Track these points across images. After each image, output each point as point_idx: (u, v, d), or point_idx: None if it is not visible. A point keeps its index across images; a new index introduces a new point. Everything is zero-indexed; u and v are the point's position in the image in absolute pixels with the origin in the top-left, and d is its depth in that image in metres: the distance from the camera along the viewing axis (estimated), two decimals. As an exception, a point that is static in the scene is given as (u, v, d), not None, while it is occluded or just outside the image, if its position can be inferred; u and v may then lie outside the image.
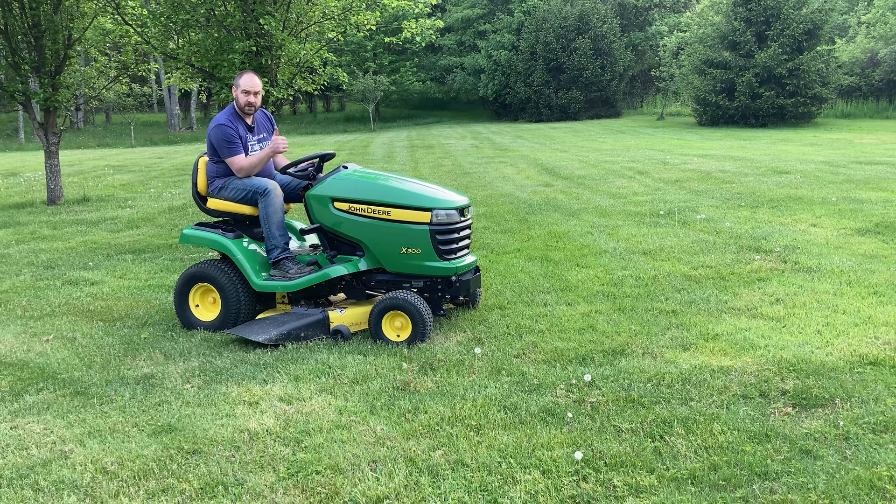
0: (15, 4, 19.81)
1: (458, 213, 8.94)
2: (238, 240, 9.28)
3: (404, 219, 8.75)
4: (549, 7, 65.28)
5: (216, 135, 9.31)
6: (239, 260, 9.12)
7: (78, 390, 7.48)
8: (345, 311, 8.95)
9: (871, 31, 57.30)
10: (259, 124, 9.79)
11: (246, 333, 8.65)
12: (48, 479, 5.70)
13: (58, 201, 21.44)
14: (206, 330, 9.22)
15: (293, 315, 8.98)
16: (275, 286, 9.01)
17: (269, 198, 9.07)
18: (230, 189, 9.34)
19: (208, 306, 9.52)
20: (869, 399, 6.53)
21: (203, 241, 9.49)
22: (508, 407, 6.67)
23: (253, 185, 9.22)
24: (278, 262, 9.07)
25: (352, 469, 5.65)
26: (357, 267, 9.02)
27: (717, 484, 5.26)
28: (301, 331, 8.69)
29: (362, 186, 9.02)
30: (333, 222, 9.01)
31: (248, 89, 9.36)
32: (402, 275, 9.07)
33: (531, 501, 5.15)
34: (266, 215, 9.07)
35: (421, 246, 8.76)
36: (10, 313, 10.40)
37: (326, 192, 9.00)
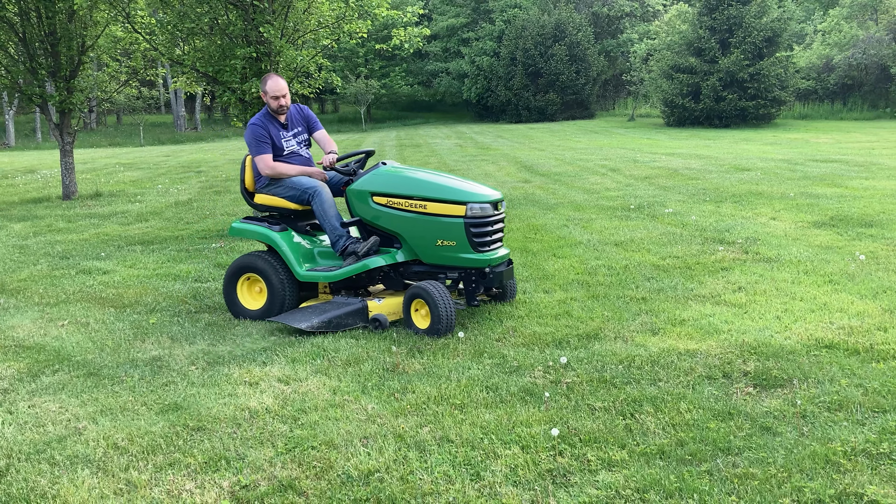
0: (32, 14, 19.76)
1: (491, 207, 8.62)
2: (284, 232, 9.15)
3: (440, 212, 8.50)
4: (527, 16, 65.29)
5: (247, 134, 9.30)
6: (284, 251, 9.00)
7: (91, 371, 7.47)
8: (383, 300, 8.76)
9: (826, 39, 57.53)
10: (293, 120, 9.58)
11: (289, 321, 8.52)
12: (63, 453, 5.69)
13: (72, 196, 21.41)
14: (252, 319, 9.11)
15: (334, 304, 8.83)
16: (317, 276, 8.88)
17: (320, 196, 8.97)
18: (281, 187, 9.22)
19: (255, 296, 9.36)
20: (824, 380, 6.54)
21: (251, 233, 9.37)
22: (490, 387, 6.67)
23: (303, 185, 9.09)
24: (345, 249, 8.85)
25: (345, 444, 5.65)
26: (395, 258, 8.81)
27: (683, 458, 5.26)
28: (341, 319, 8.52)
29: (400, 181, 8.79)
30: (372, 216, 8.82)
31: (276, 94, 9.24)
32: (438, 266, 8.81)
33: (511, 475, 5.15)
34: (322, 212, 8.95)
35: (456, 238, 8.48)
36: (28, 300, 10.38)
37: (366, 186, 8.82)
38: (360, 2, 14.62)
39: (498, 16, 70.06)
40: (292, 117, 9.59)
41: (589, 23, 67.26)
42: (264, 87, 9.34)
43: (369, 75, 68.91)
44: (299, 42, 14.95)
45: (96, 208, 19.38)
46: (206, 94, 64.91)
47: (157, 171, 29.24)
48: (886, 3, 56.23)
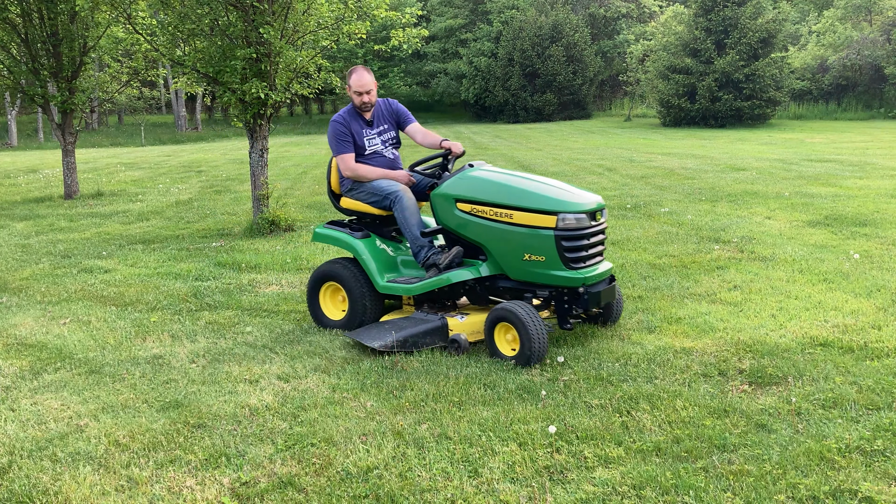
0: (35, 15, 19.76)
1: (587, 217, 7.49)
2: (366, 240, 8.51)
3: (527, 222, 7.46)
4: (525, 17, 65.20)
5: (329, 131, 8.74)
6: (364, 260, 8.37)
7: (92, 369, 7.47)
8: (465, 318, 7.94)
9: (821, 40, 57.52)
10: (379, 117, 8.94)
11: (363, 338, 7.75)
12: (65, 450, 5.69)
13: (74, 196, 21.41)
14: (334, 329, 8.50)
15: (412, 320, 8.01)
16: (396, 289, 8.17)
17: (401, 202, 8.23)
18: (363, 191, 8.60)
19: (338, 304, 8.79)
20: (819, 377, 6.55)
21: (332, 240, 8.77)
22: (488, 384, 6.68)
23: (384, 190, 8.40)
24: (427, 260, 8.09)
25: (344, 441, 5.65)
26: (479, 272, 7.84)
27: (679, 455, 5.27)
28: (418, 338, 7.69)
29: (485, 186, 7.77)
30: (457, 224, 7.93)
31: (358, 90, 8.59)
32: (526, 283, 7.78)
33: (509, 471, 5.15)
34: (404, 219, 8.20)
35: (545, 253, 7.42)
36: (31, 298, 10.38)
37: (450, 191, 7.93)
38: (359, 3, 14.62)
39: (495, 17, 69.99)
40: (379, 113, 8.96)
41: (586, 24, 67.23)
42: (348, 81, 8.70)
43: (368, 76, 68.82)
44: (299, 43, 14.93)
45: (98, 207, 19.39)
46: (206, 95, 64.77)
47: (158, 170, 29.23)
48: (880, 5, 56.28)
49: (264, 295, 10.14)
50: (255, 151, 14.85)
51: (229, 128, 63.41)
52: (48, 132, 59.85)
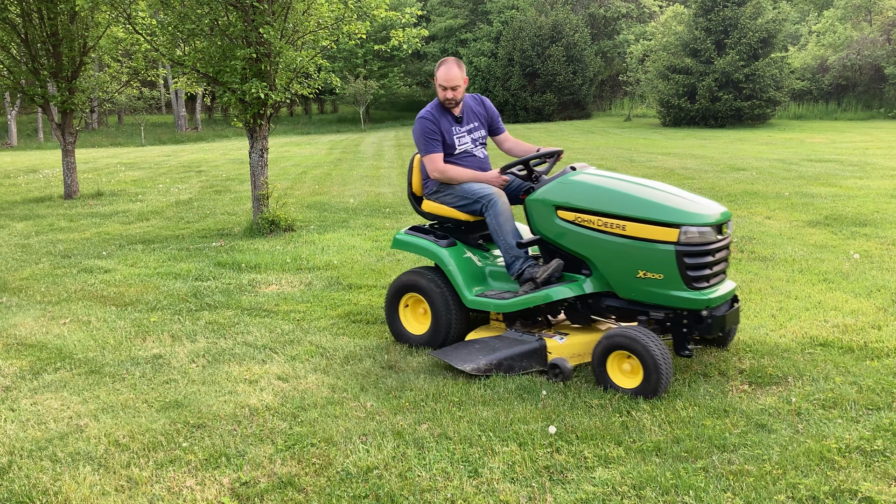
0: (35, 15, 19.76)
1: (713, 231, 6.64)
2: (452, 248, 7.80)
3: (643, 235, 6.60)
4: (525, 17, 65.20)
5: (415, 129, 7.98)
6: (451, 272, 7.64)
7: (92, 369, 7.47)
8: (565, 339, 7.16)
9: (821, 40, 57.53)
10: (469, 113, 8.19)
11: (452, 359, 7.04)
12: (65, 450, 5.70)
13: (74, 196, 21.41)
14: (416, 345, 7.87)
15: (505, 341, 7.27)
16: (487, 304, 7.39)
17: (495, 208, 7.50)
18: (449, 195, 7.88)
19: (419, 318, 8.09)
20: (819, 377, 6.56)
21: (414, 248, 8.05)
22: (487, 384, 6.68)
23: (475, 193, 7.67)
24: (522, 273, 7.36)
25: (344, 441, 5.65)
26: (582, 289, 7.06)
27: (679, 455, 5.27)
28: (513, 361, 6.98)
29: (593, 193, 6.93)
30: (556, 233, 7.11)
31: (444, 84, 7.83)
32: (638, 303, 6.94)
33: (509, 471, 5.16)
34: (497, 226, 7.47)
35: (663, 270, 6.56)
36: (31, 298, 10.38)
37: (550, 197, 7.10)
38: (358, 3, 14.62)
39: (495, 17, 70.01)
40: (468, 110, 8.21)
41: (586, 24, 67.23)
42: (436, 73, 7.94)
43: (368, 76, 68.89)
44: (299, 43, 14.93)
45: (98, 207, 19.38)
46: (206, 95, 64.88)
47: (157, 170, 29.22)
48: (880, 5, 56.28)
49: (264, 295, 10.14)
50: (255, 151, 14.85)
51: (229, 128, 63.48)
52: (48, 132, 59.88)
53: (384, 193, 19.98)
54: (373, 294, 9.98)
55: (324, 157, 32.67)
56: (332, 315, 9.11)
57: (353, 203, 18.26)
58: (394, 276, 10.75)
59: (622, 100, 71.68)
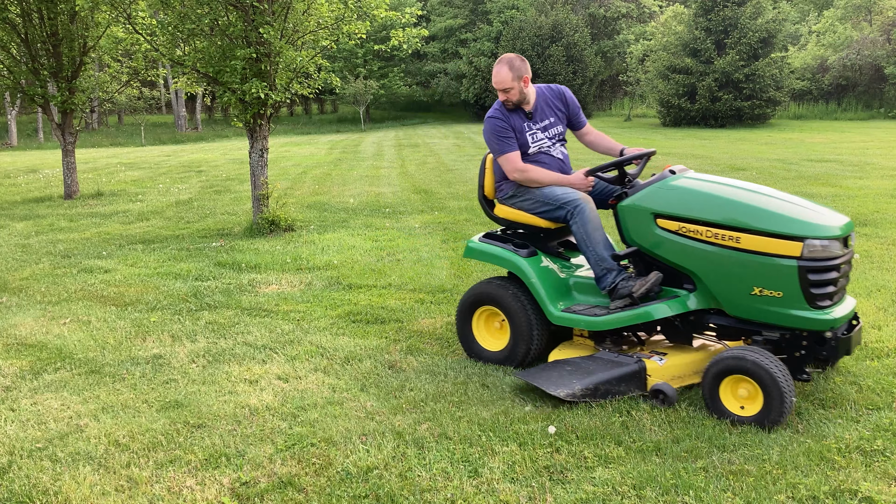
0: (35, 15, 19.77)
1: (839, 244, 6.04)
2: (533, 258, 7.16)
3: (760, 249, 6.00)
4: (525, 18, 65.28)
5: (485, 130, 7.35)
6: (533, 284, 7.00)
7: (92, 369, 7.47)
8: (665, 359, 6.53)
9: (821, 40, 57.60)
10: (542, 108, 7.45)
11: (543, 383, 6.38)
12: (65, 450, 5.70)
13: (74, 196, 21.41)
14: (491, 363, 7.26)
15: (599, 362, 6.62)
16: (576, 321, 6.79)
17: (583, 215, 6.86)
18: (528, 199, 7.23)
19: (494, 333, 7.47)
20: (819, 377, 6.55)
21: (490, 257, 7.41)
22: (487, 385, 6.68)
23: (559, 199, 7.00)
24: (615, 287, 6.73)
25: (344, 441, 5.66)
26: (685, 306, 6.48)
27: (679, 455, 5.27)
28: (610, 385, 6.33)
29: (700, 200, 6.35)
30: (654, 243, 6.55)
31: (497, 87, 7.18)
32: (748, 321, 6.34)
33: (509, 471, 5.16)
34: (585, 235, 6.84)
35: (783, 287, 5.95)
36: (31, 298, 10.38)
37: (648, 204, 6.55)
38: (358, 3, 14.62)
39: (495, 17, 70.03)
40: (541, 104, 7.48)
41: (586, 24, 67.28)
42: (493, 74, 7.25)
43: (368, 76, 68.88)
44: (299, 43, 14.94)
45: (98, 207, 19.38)
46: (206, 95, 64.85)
47: (158, 170, 29.22)
48: (880, 5, 56.32)
49: (264, 295, 10.14)
50: (255, 151, 14.85)
51: (229, 128, 63.46)
52: (48, 132, 59.84)
53: (384, 193, 19.97)
54: (373, 294, 9.98)
55: (324, 157, 32.67)
56: (332, 315, 9.11)
57: (353, 203, 18.26)
58: (394, 276, 10.75)
59: (622, 100, 71.79)
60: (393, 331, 8.36)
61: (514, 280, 7.30)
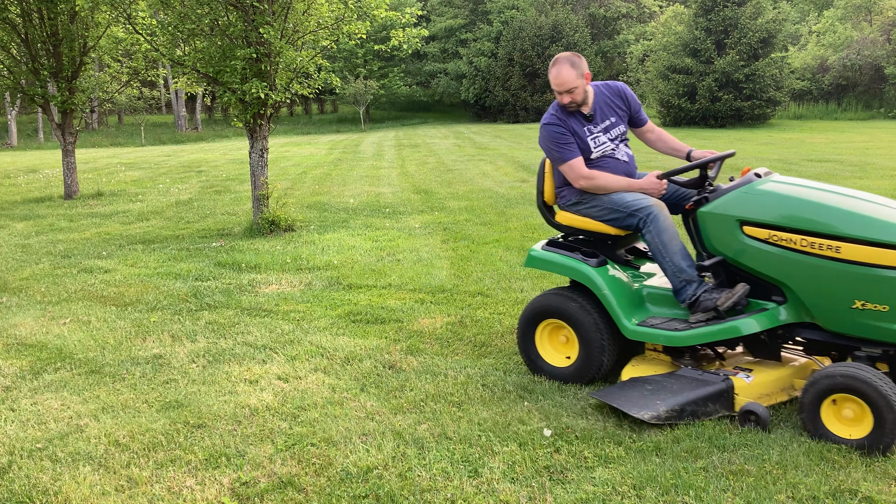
0: (35, 15, 19.78)
1: None
2: (603, 268, 6.63)
3: (865, 259, 5.54)
4: (525, 18, 65.32)
5: (542, 137, 6.86)
6: (606, 296, 6.49)
7: (92, 369, 7.47)
8: (753, 377, 6.04)
9: (821, 40, 57.61)
10: (602, 108, 6.90)
11: (623, 404, 5.91)
12: (65, 450, 5.70)
13: (74, 196, 21.41)
14: (557, 380, 6.78)
15: (682, 381, 6.14)
16: (654, 336, 6.30)
17: (657, 223, 6.36)
18: (595, 206, 6.75)
19: (559, 347, 6.95)
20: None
21: (556, 267, 6.90)
22: (487, 385, 6.68)
23: (629, 205, 6.50)
24: (696, 300, 6.24)
25: (344, 441, 5.65)
26: (775, 320, 5.99)
27: (679, 455, 5.27)
28: (697, 406, 5.86)
29: (794, 206, 5.86)
30: (738, 252, 6.07)
31: (557, 89, 6.69)
32: (847, 337, 5.85)
33: (509, 471, 5.16)
34: (661, 244, 6.34)
35: (890, 301, 5.50)
36: (31, 298, 10.38)
37: (733, 210, 6.06)
38: (358, 3, 14.63)
39: (495, 17, 70.07)
40: (601, 104, 6.93)
41: (586, 24, 67.31)
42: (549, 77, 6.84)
43: (368, 76, 68.92)
44: (299, 43, 14.94)
45: (98, 207, 19.39)
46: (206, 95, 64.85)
47: (158, 170, 29.23)
48: (880, 5, 56.37)
49: (264, 295, 10.14)
50: (255, 151, 14.85)
51: (229, 128, 63.51)
52: (48, 132, 59.88)
53: (384, 193, 19.98)
54: (373, 294, 9.98)
55: (324, 157, 32.68)
56: (332, 315, 9.11)
57: (353, 203, 18.26)
58: (394, 276, 10.75)
59: (622, 100, 71.71)
60: (393, 331, 8.36)
61: (581, 291, 6.77)
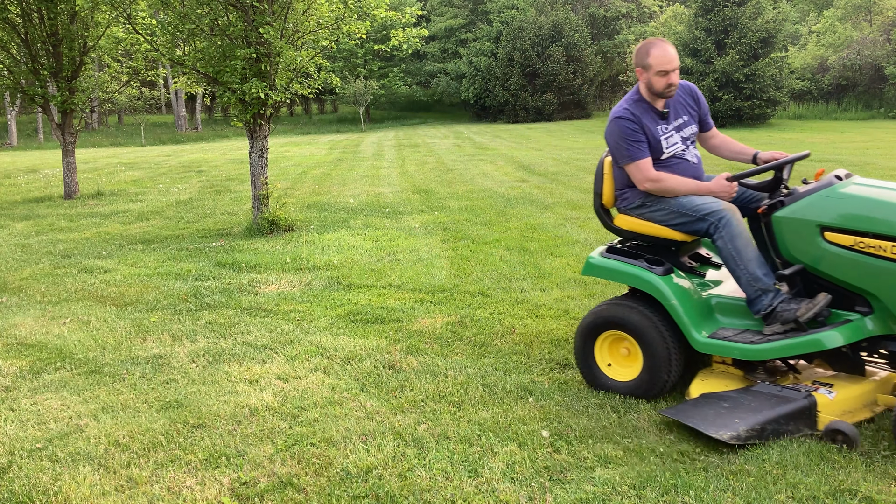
0: (35, 15, 19.78)
1: None
2: (669, 276, 6.19)
3: None
4: (524, 18, 65.31)
5: (611, 132, 6.43)
6: (674, 307, 6.06)
7: (92, 369, 7.47)
8: (835, 392, 5.61)
9: (821, 40, 57.61)
10: (676, 106, 6.59)
11: (699, 423, 5.49)
12: (65, 450, 5.70)
13: (74, 196, 21.41)
14: (620, 394, 6.38)
15: (760, 398, 5.70)
16: (728, 349, 5.86)
17: (730, 229, 5.96)
18: (661, 210, 6.35)
19: (620, 360, 6.51)
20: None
21: (619, 275, 6.44)
22: (487, 385, 6.68)
23: (699, 209, 6.10)
24: (772, 311, 5.83)
25: (344, 441, 5.66)
26: (861, 332, 5.56)
27: (679, 455, 5.27)
28: (778, 424, 5.43)
29: (882, 211, 5.45)
30: (818, 259, 5.69)
31: (665, 68, 6.21)
32: None
33: (509, 471, 5.16)
34: (734, 251, 5.92)
35: None
36: (31, 298, 10.38)
37: (814, 215, 5.67)
38: (358, 3, 14.62)
39: (495, 17, 70.05)
40: (675, 102, 6.61)
41: (586, 24, 67.30)
42: (644, 59, 6.35)
43: (368, 76, 68.95)
44: (299, 43, 14.94)
45: (98, 207, 19.39)
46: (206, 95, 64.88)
47: (157, 170, 29.23)
48: (880, 5, 56.37)
49: (264, 295, 10.14)
50: (255, 151, 14.85)
51: (229, 128, 63.53)
52: (48, 132, 59.90)
53: (384, 193, 19.98)
54: (373, 294, 9.98)
55: (324, 157, 32.68)
56: (332, 315, 9.11)
57: (353, 203, 18.26)
58: (394, 276, 10.75)
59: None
60: (393, 331, 8.35)
61: (645, 300, 6.35)
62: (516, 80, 63.49)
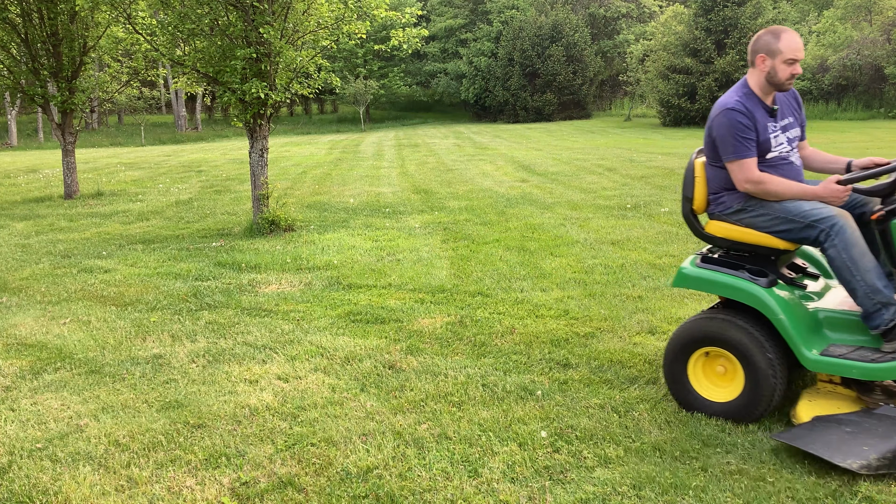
0: (35, 15, 19.78)
1: None
2: (772, 288, 5.62)
3: None
4: (525, 17, 65.38)
5: (721, 124, 5.86)
6: (781, 322, 5.50)
7: (92, 369, 7.47)
8: None
9: (821, 40, 57.53)
10: (784, 106, 6.08)
11: (821, 450, 4.98)
12: (65, 450, 5.70)
13: (74, 196, 21.41)
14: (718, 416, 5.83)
15: (887, 422, 5.14)
16: (847, 368, 5.30)
17: (843, 236, 5.42)
18: (763, 215, 5.81)
19: (715, 379, 5.95)
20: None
21: (717, 287, 5.86)
22: (487, 385, 6.67)
23: (808, 216, 5.57)
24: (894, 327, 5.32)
25: (344, 441, 5.66)
26: None
27: (678, 455, 5.27)
28: None
29: None
30: None
31: (795, 56, 5.74)
32: None
33: (509, 471, 5.16)
34: (850, 261, 5.40)
35: None
36: (31, 298, 10.38)
37: None
38: (358, 3, 14.62)
39: (495, 17, 70.08)
40: (783, 101, 6.11)
41: (586, 24, 67.34)
42: (773, 45, 5.80)
43: (368, 76, 68.92)
44: (299, 43, 14.94)
45: (98, 207, 19.38)
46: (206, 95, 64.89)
47: (157, 170, 29.24)
48: (880, 5, 56.31)
49: (264, 295, 10.14)
50: (255, 151, 14.85)
51: (229, 128, 63.51)
52: (48, 132, 59.88)
53: (384, 193, 19.97)
54: (373, 294, 9.97)
55: (324, 157, 32.69)
56: (332, 315, 9.10)
57: (353, 203, 18.26)
58: (394, 276, 10.75)
59: (622, 100, 71.80)
60: (393, 331, 8.35)
61: (746, 314, 5.80)
62: (516, 80, 63.55)
